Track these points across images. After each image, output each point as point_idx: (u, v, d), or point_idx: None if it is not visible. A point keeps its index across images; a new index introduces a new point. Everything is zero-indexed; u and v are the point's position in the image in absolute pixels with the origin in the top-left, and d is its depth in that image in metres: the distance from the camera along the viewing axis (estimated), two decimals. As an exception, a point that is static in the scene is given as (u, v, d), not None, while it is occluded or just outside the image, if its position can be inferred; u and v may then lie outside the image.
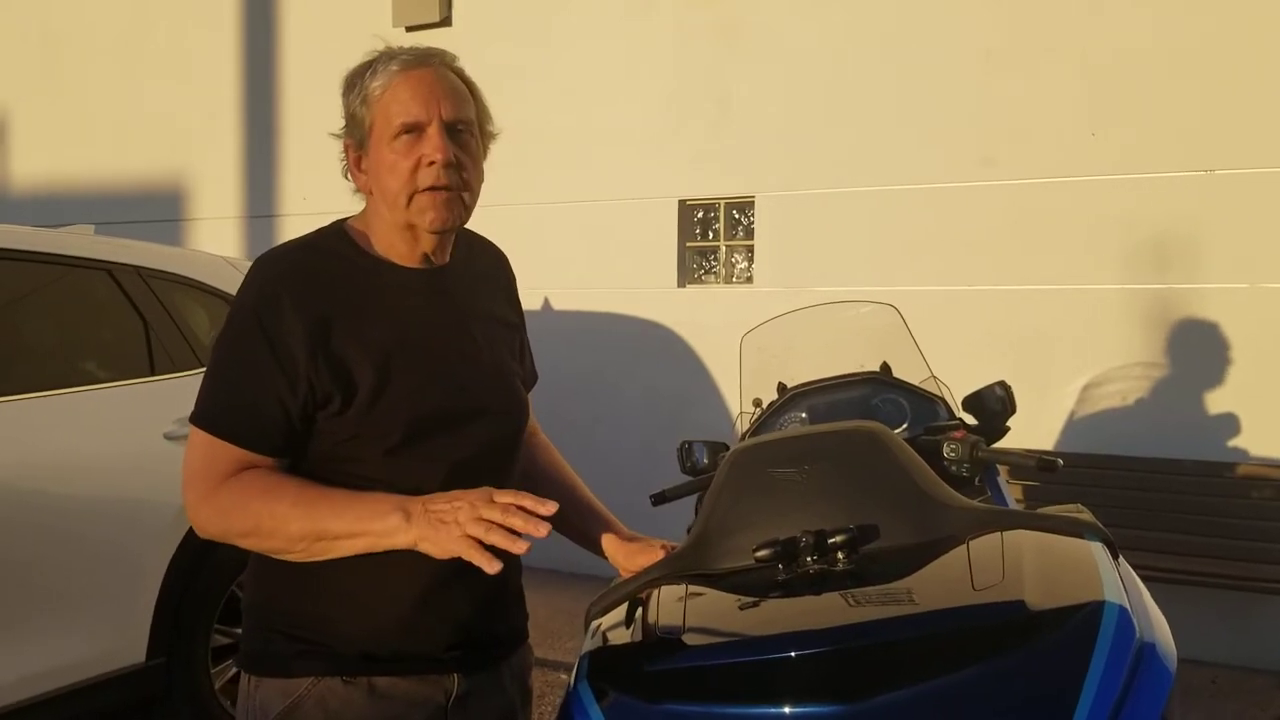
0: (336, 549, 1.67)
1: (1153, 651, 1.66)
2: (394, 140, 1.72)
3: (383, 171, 1.74)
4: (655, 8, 6.23)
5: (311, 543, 1.67)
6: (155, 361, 4.01)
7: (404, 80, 1.73)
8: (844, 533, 1.97)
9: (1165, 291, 5.02)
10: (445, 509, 1.61)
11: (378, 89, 1.73)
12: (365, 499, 1.66)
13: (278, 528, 1.66)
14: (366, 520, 1.64)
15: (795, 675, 1.66)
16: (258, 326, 1.70)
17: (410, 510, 1.63)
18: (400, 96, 1.72)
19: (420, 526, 1.61)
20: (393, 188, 1.73)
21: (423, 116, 1.72)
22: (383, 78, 1.73)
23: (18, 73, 9.02)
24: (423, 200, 1.73)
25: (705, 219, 6.37)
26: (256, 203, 7.87)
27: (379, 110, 1.73)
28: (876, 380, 3.24)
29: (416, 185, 1.72)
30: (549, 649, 5.02)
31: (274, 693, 1.76)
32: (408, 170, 1.72)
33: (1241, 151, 4.84)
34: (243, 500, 1.67)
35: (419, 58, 1.76)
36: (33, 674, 3.42)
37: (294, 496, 1.67)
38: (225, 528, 1.69)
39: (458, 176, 1.74)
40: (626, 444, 6.08)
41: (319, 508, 1.66)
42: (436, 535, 1.60)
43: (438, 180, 1.72)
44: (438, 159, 1.71)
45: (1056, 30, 5.19)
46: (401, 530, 1.63)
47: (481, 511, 1.58)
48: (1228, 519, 4.73)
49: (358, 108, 1.76)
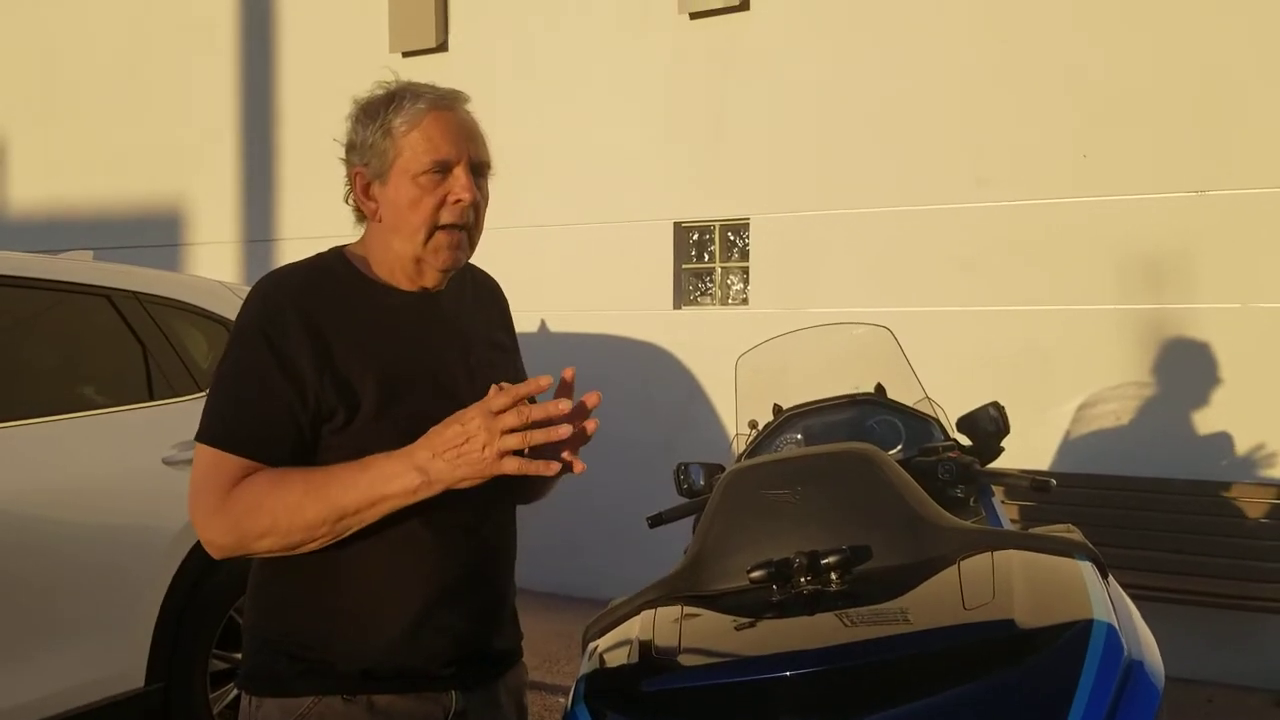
0: (361, 520, 1.69)
1: (1141, 669, 1.68)
2: (420, 176, 1.77)
3: (402, 205, 1.78)
4: (650, 31, 6.28)
5: (334, 524, 1.68)
6: (154, 387, 4.02)
7: (436, 119, 1.78)
8: (837, 553, 2.00)
9: (1158, 311, 5.05)
10: (461, 448, 1.64)
11: (403, 124, 1.78)
12: (372, 466, 1.68)
13: (295, 519, 1.67)
14: (381, 485, 1.66)
15: (790, 694, 1.68)
16: (265, 343, 1.73)
17: (425, 466, 1.65)
18: (431, 135, 1.77)
19: (444, 474, 1.65)
20: (413, 222, 1.78)
21: (453, 156, 1.78)
22: (410, 114, 1.78)
23: (17, 98, 9.06)
24: (440, 239, 1.79)
25: (701, 241, 6.40)
26: (255, 227, 7.90)
27: (406, 144, 1.77)
28: (871, 401, 3.26)
29: (438, 221, 1.78)
30: (546, 672, 5.01)
31: (275, 712, 1.78)
32: (432, 206, 1.78)
33: (1233, 172, 4.87)
34: (254, 501, 1.68)
35: (447, 98, 1.81)
36: (32, 699, 3.41)
37: (303, 483, 1.68)
38: (241, 534, 1.70)
39: (474, 215, 1.82)
40: (622, 466, 6.09)
41: (330, 487, 1.67)
42: (470, 472, 1.64)
43: (460, 218, 1.79)
44: (465, 198, 1.78)
45: (1048, 52, 5.24)
46: (425, 486, 1.66)
47: (499, 430, 1.62)
48: (1222, 538, 4.74)
49: (378, 139, 1.79)
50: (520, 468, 1.65)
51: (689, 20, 6.14)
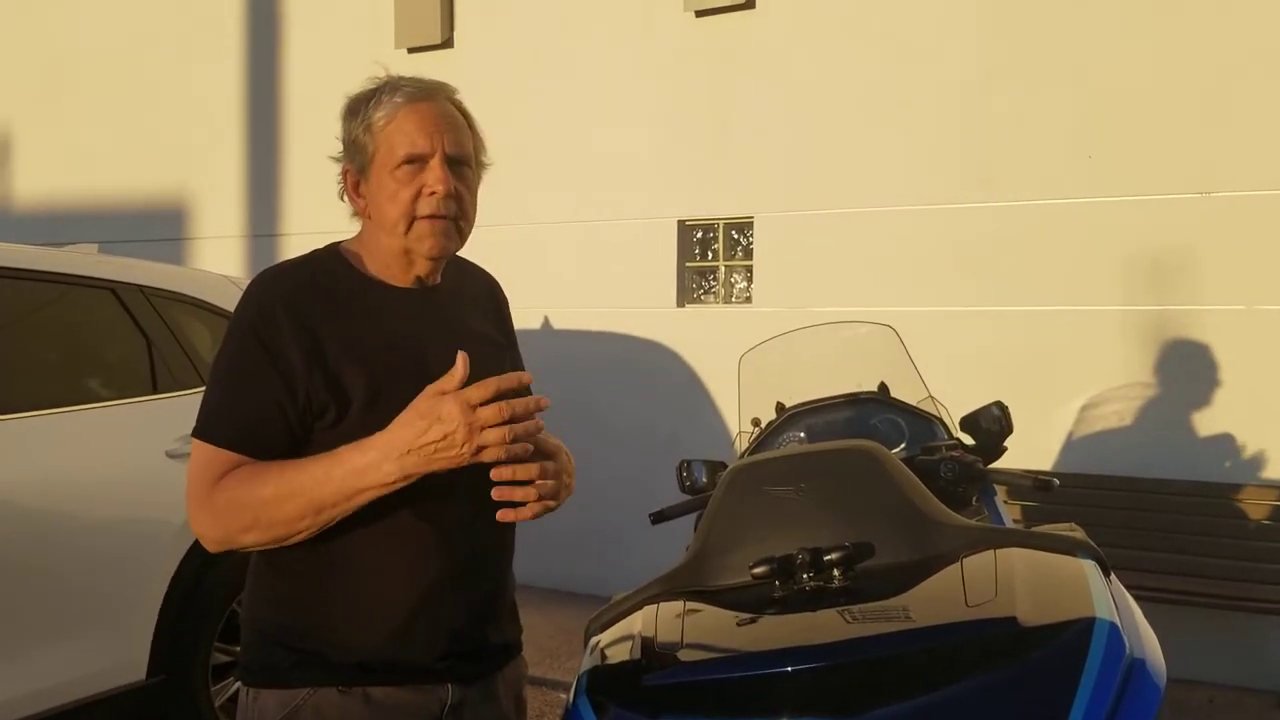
0: (343, 511, 1.69)
1: (1143, 667, 1.68)
2: (396, 169, 1.78)
3: (383, 199, 1.79)
4: (656, 29, 6.28)
5: (314, 516, 1.69)
6: (158, 380, 4.03)
7: (410, 112, 1.78)
8: (840, 550, 2.00)
9: (1162, 313, 5.05)
10: (438, 442, 1.63)
11: (382, 119, 1.78)
12: (345, 459, 1.67)
13: (274, 514, 1.68)
14: (356, 479, 1.66)
15: (792, 690, 1.68)
16: (256, 340, 1.74)
17: (402, 460, 1.65)
18: (405, 128, 1.78)
19: (420, 468, 1.65)
20: (392, 215, 1.79)
21: (426, 149, 1.78)
22: (387, 108, 1.79)
23: (22, 92, 9.07)
24: (421, 227, 1.79)
25: (704, 239, 6.40)
26: (259, 222, 7.91)
27: (383, 139, 1.78)
28: (874, 400, 3.26)
29: (416, 213, 1.78)
30: (548, 668, 5.02)
31: (272, 703, 1.78)
32: (408, 199, 1.78)
33: (1238, 174, 4.87)
34: (233, 496, 1.69)
35: (423, 90, 1.81)
36: (34, 691, 3.42)
37: (277, 479, 1.68)
38: (226, 529, 1.71)
39: (455, 206, 1.81)
40: (625, 463, 6.09)
41: (304, 482, 1.67)
42: (446, 465, 1.65)
43: (437, 210, 1.78)
44: (439, 190, 1.78)
45: (1054, 52, 5.23)
46: (402, 480, 1.66)
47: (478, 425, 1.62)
48: (1224, 539, 4.74)
49: (360, 134, 1.81)
50: (496, 457, 1.65)
51: (695, 18, 6.14)
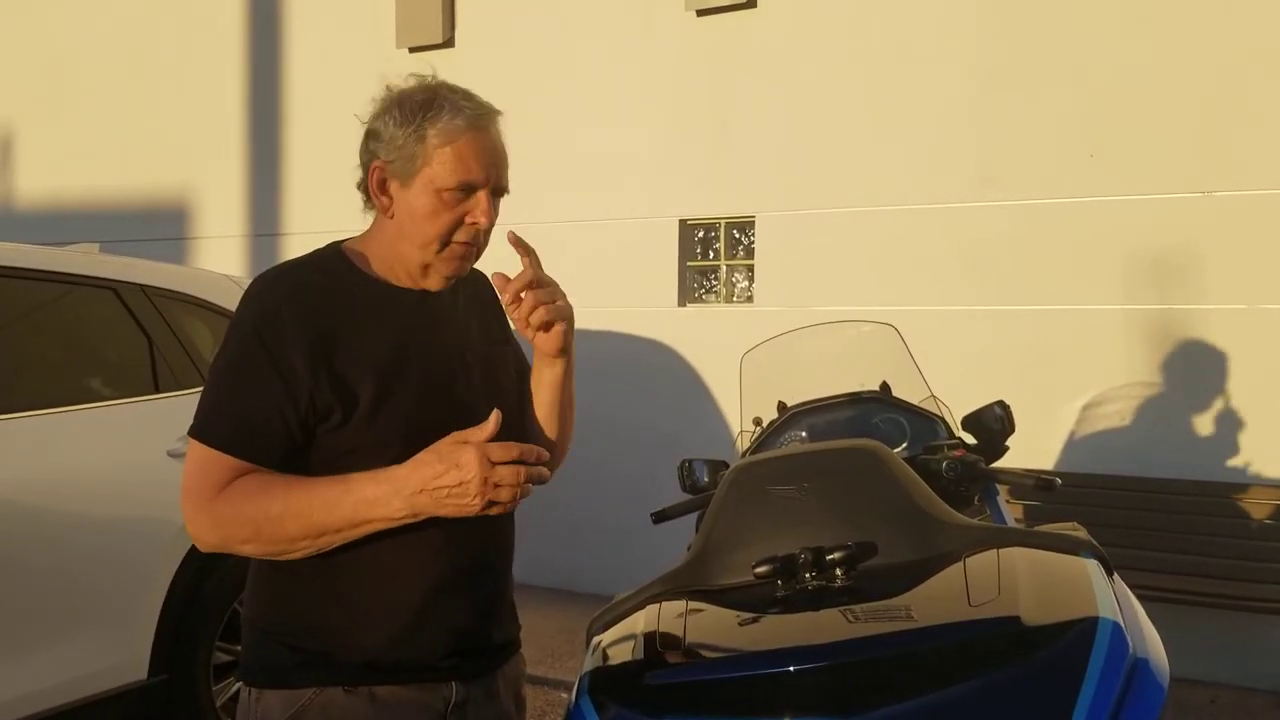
0: (344, 538, 1.72)
1: (1146, 667, 1.68)
2: (444, 192, 1.77)
3: (421, 214, 1.78)
4: (657, 28, 6.28)
5: (314, 539, 1.70)
6: (159, 379, 4.03)
7: (471, 141, 1.77)
8: (842, 549, 1.99)
9: (1164, 312, 5.04)
10: (454, 488, 1.68)
11: (438, 137, 1.76)
12: (356, 488, 1.69)
13: (276, 531, 1.69)
14: (365, 510, 1.69)
15: (794, 689, 1.68)
16: (258, 342, 1.73)
17: (413, 500, 1.69)
18: (464, 155, 1.76)
19: (430, 509, 1.70)
20: (428, 233, 1.79)
21: (480, 180, 1.78)
22: (447, 128, 1.76)
23: (23, 91, 9.07)
24: (454, 250, 1.81)
25: (706, 238, 6.40)
26: (261, 222, 7.91)
27: (437, 158, 1.76)
28: (876, 399, 3.26)
29: (454, 238, 1.80)
30: (550, 668, 5.02)
31: (276, 704, 1.78)
32: (449, 222, 1.78)
33: (1239, 173, 4.86)
34: (237, 508, 1.69)
35: (484, 118, 1.80)
36: (36, 690, 3.42)
37: (284, 498, 1.69)
38: (226, 537, 1.72)
39: (485, 236, 1.84)
40: (626, 462, 6.09)
41: (312, 505, 1.69)
42: (455, 513, 1.71)
43: (474, 239, 1.81)
44: (481, 222, 1.79)
45: (1055, 52, 5.23)
46: (409, 518, 1.71)
47: (494, 483, 1.69)
48: (1227, 539, 4.74)
49: (409, 142, 1.77)
50: (500, 512, 1.73)
51: (696, 17, 6.14)
